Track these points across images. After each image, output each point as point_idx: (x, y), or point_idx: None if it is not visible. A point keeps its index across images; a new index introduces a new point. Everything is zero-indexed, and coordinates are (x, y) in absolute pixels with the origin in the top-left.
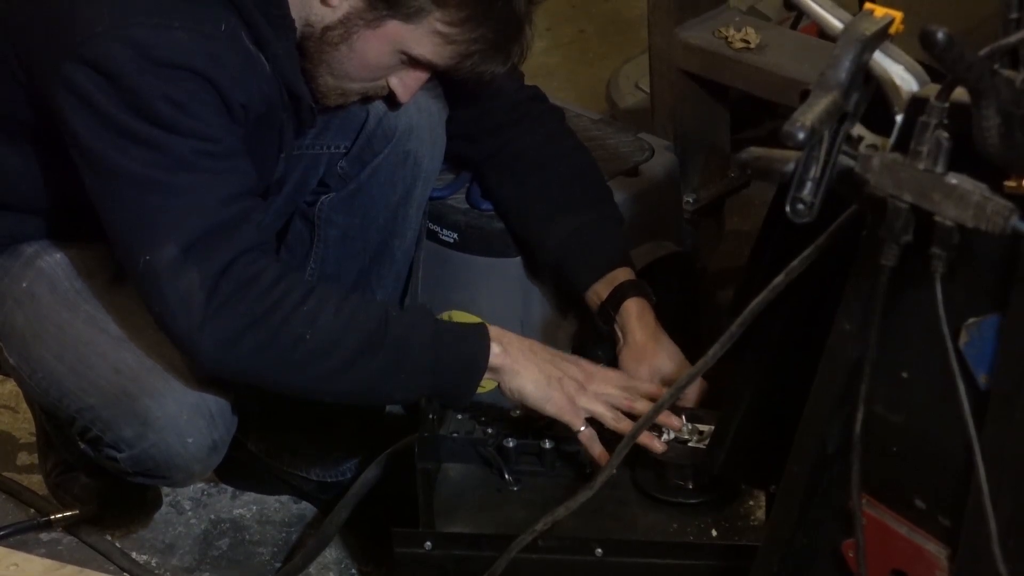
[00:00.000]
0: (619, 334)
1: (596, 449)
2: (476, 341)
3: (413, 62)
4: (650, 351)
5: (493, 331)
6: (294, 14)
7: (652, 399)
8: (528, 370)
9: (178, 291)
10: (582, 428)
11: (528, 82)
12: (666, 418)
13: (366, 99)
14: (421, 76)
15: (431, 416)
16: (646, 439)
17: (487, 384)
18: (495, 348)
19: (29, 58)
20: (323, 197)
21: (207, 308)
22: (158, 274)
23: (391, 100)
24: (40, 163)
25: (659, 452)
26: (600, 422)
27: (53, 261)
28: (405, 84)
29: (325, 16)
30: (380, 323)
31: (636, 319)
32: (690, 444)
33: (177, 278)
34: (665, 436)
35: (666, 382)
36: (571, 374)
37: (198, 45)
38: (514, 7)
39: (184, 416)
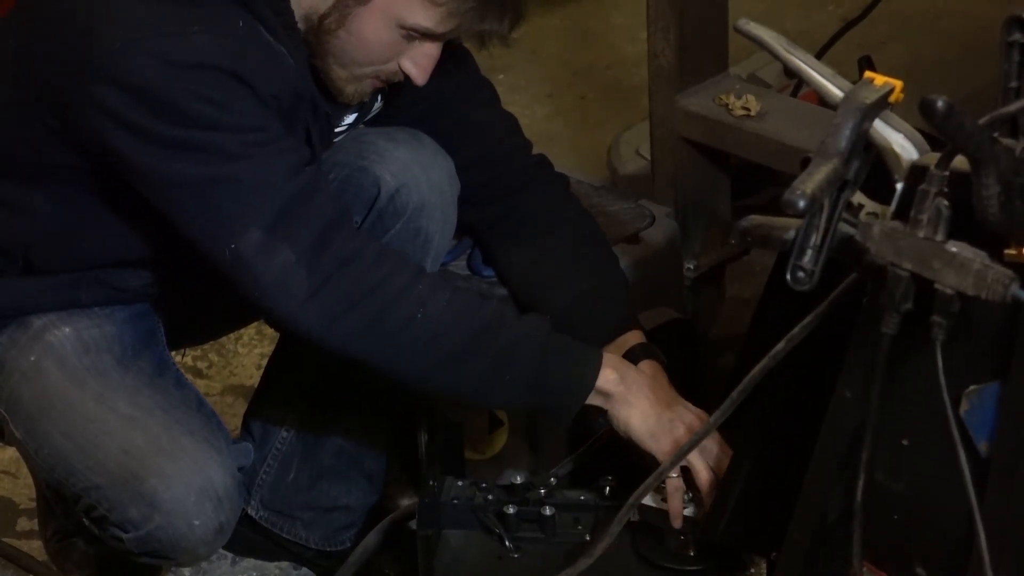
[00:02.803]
0: None
1: (676, 503)
2: (588, 362)
3: (413, 35)
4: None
5: (612, 359)
6: (295, 14)
7: None
8: (641, 403)
9: (273, 271)
10: (674, 475)
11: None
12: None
13: (383, 86)
14: (430, 52)
15: (431, 482)
16: (675, 503)
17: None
18: (611, 375)
19: (56, 96)
20: None
21: (310, 283)
22: (248, 260)
23: (409, 85)
24: (67, 216)
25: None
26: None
27: (62, 335)
28: (417, 63)
29: (318, 5)
30: (492, 324)
31: (651, 382)
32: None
33: (269, 258)
34: (687, 502)
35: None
36: (685, 420)
37: (220, 44)
38: None
39: (191, 499)
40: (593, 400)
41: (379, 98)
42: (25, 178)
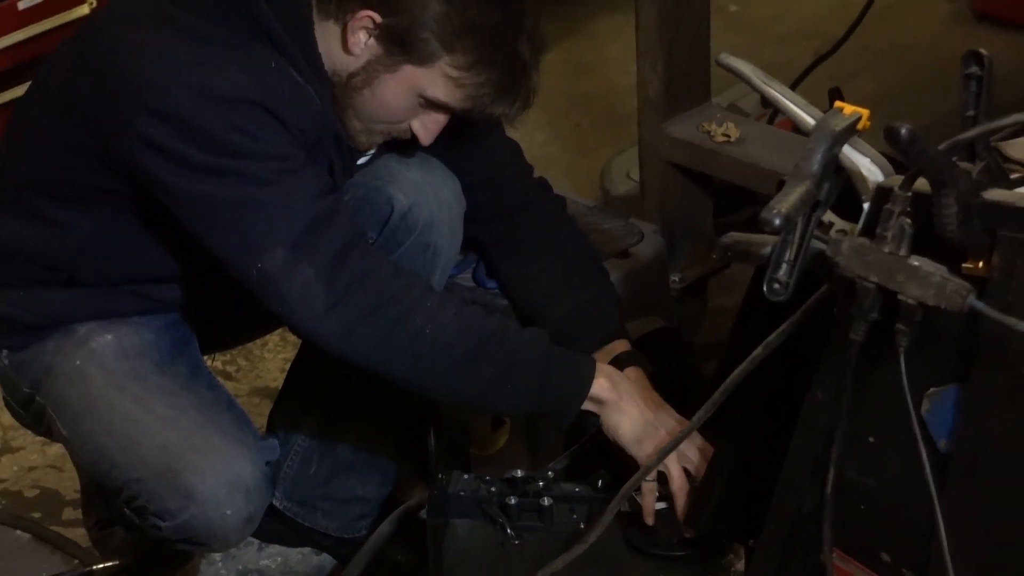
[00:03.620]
0: None
1: (649, 502)
2: (584, 372)
3: (430, 104)
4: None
5: (605, 369)
6: (325, 65)
7: None
8: (631, 411)
9: (295, 287)
10: (649, 479)
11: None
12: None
13: (392, 140)
14: (439, 119)
15: (440, 476)
16: (647, 502)
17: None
18: (605, 383)
19: (100, 127)
20: None
21: (328, 297)
22: (273, 277)
23: (414, 142)
24: (108, 234)
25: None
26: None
27: (104, 342)
28: (425, 127)
29: (349, 64)
30: (496, 334)
31: (640, 390)
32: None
33: (292, 276)
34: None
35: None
36: (667, 426)
37: (253, 79)
38: (519, 54)
39: (223, 491)
40: (587, 406)
41: None
42: (71, 201)
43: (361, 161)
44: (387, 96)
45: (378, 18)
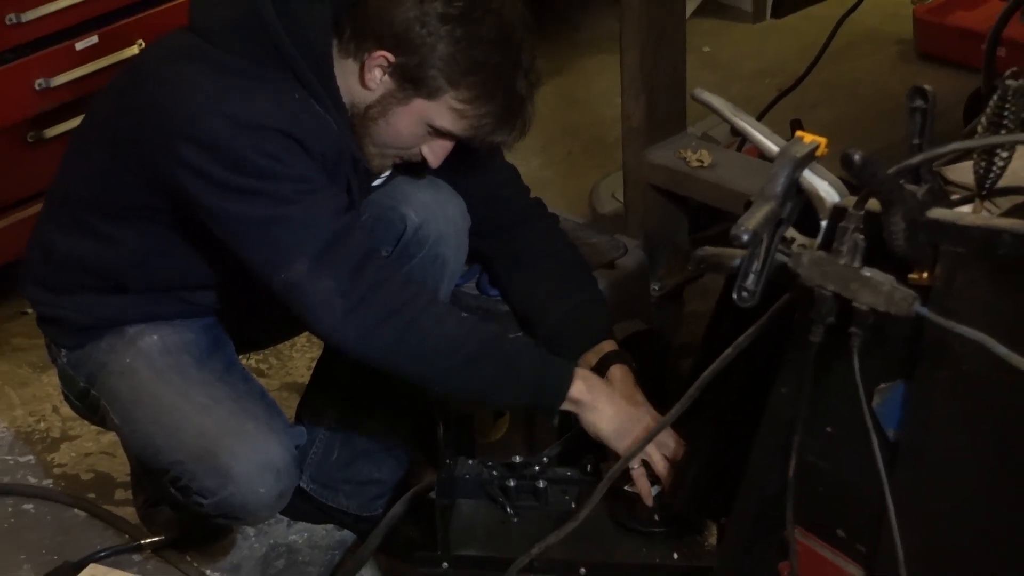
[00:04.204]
0: None
1: (644, 486)
2: (565, 374)
3: (437, 132)
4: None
5: (582, 373)
6: (342, 91)
7: None
8: (606, 410)
9: (317, 296)
10: (636, 466)
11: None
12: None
13: (404, 164)
14: (446, 145)
15: (448, 461)
16: (643, 486)
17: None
18: (581, 385)
19: (144, 152)
20: None
21: (346, 305)
22: (297, 286)
23: (424, 165)
24: (152, 247)
25: (647, 500)
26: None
27: (151, 341)
28: (434, 152)
29: (366, 97)
30: (497, 338)
31: (620, 382)
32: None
33: (314, 286)
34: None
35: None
36: (643, 421)
37: (279, 109)
38: (516, 89)
39: (256, 472)
40: (566, 406)
41: None
42: (119, 218)
43: (376, 183)
44: (399, 126)
45: (392, 58)
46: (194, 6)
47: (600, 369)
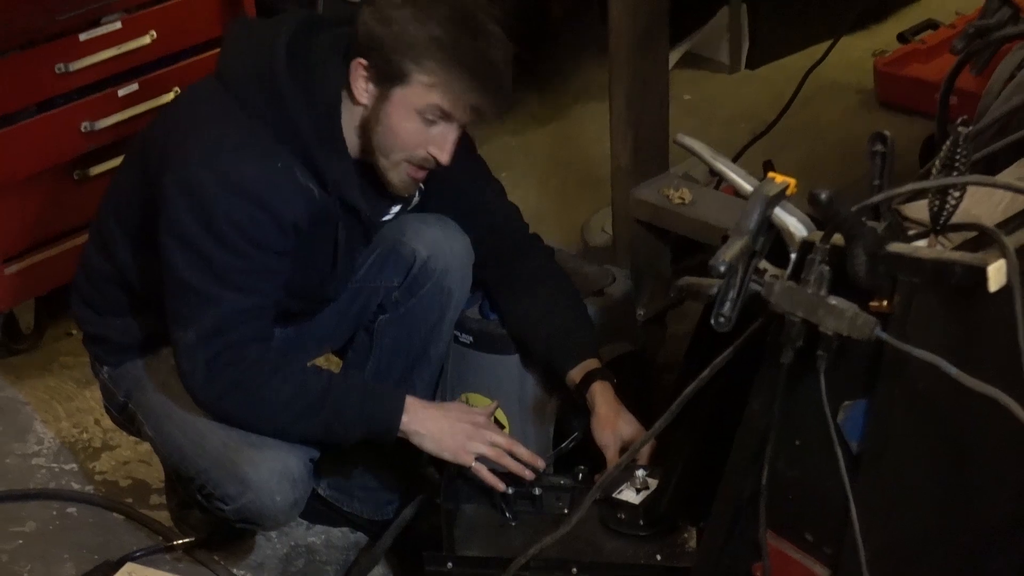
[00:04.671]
0: (589, 407)
1: (487, 477)
2: (392, 411)
3: (429, 117)
4: (613, 419)
5: (408, 402)
6: (348, 132)
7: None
8: (427, 430)
9: (190, 362)
10: (472, 464)
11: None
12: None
13: (419, 175)
14: (448, 135)
15: (452, 469)
16: (487, 477)
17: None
18: (404, 417)
19: (149, 177)
20: (380, 317)
21: (206, 375)
22: (180, 348)
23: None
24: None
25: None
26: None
27: None
28: (440, 147)
29: (362, 113)
30: (322, 393)
31: (600, 396)
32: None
33: (191, 354)
34: (638, 486)
35: (625, 442)
36: (463, 428)
37: (262, 176)
38: (480, 51)
39: (274, 480)
40: (400, 435)
41: (420, 194)
42: (137, 236)
43: (386, 218)
44: (393, 124)
45: (365, 62)
46: (222, 53)
47: (584, 384)
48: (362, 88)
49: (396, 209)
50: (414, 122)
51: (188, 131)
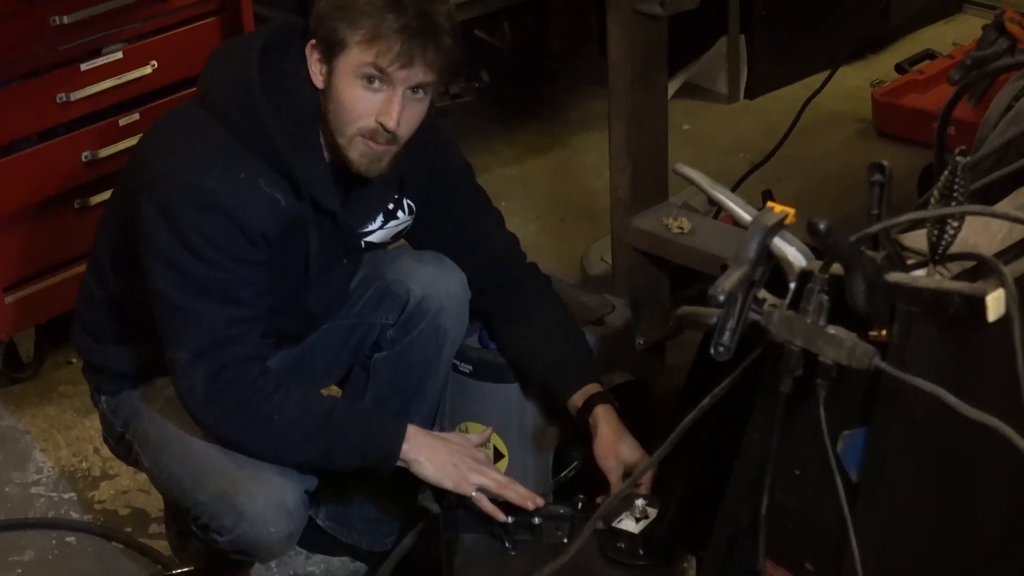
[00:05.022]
0: (592, 431)
1: (488, 506)
2: (393, 439)
3: (369, 81)
4: (616, 443)
5: (409, 430)
6: (324, 133)
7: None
8: (429, 459)
9: (186, 382)
10: (473, 493)
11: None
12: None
13: (374, 146)
14: (392, 101)
15: (452, 499)
16: (487, 507)
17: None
18: (405, 445)
19: (127, 196)
20: (376, 354)
21: (205, 395)
22: (176, 368)
23: (392, 139)
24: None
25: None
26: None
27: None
28: (384, 111)
29: (324, 95)
30: (326, 416)
31: (603, 419)
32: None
33: (187, 374)
34: (637, 515)
35: (629, 467)
36: (463, 460)
37: (223, 189)
38: (410, 6)
39: (269, 512)
40: (400, 464)
41: (406, 212)
42: (125, 263)
43: (367, 230)
44: (342, 94)
45: (313, 41)
46: (202, 71)
47: (587, 408)
48: (317, 72)
49: (378, 222)
50: (357, 88)
51: (159, 149)
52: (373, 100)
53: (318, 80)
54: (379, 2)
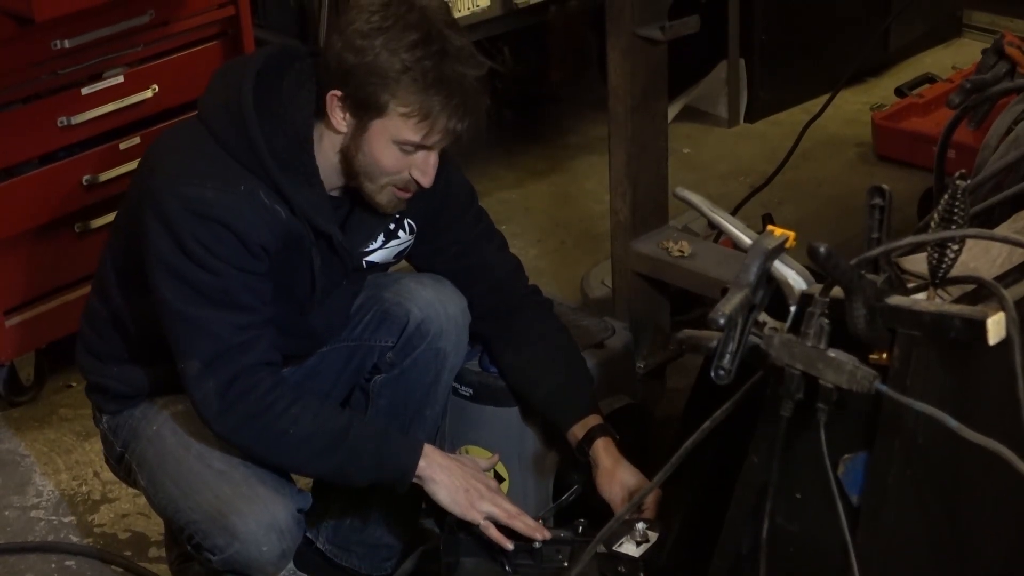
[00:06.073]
0: (593, 463)
1: (495, 535)
2: (409, 456)
3: (408, 148)
4: (617, 473)
5: (426, 449)
6: (324, 158)
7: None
8: (443, 481)
9: (200, 392)
10: (481, 521)
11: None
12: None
13: (403, 193)
14: (429, 160)
15: (452, 523)
16: (494, 535)
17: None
18: (421, 463)
19: (131, 205)
20: (376, 377)
21: (220, 405)
22: (188, 379)
23: (420, 188)
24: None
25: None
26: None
27: (176, 411)
28: (422, 172)
29: (341, 140)
30: (343, 430)
31: (603, 451)
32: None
33: (200, 384)
34: (638, 539)
35: (631, 494)
36: (476, 486)
37: (222, 200)
38: (451, 75)
39: (261, 532)
40: (415, 481)
41: (407, 232)
42: (140, 289)
43: (368, 249)
44: (375, 152)
45: (340, 92)
46: (205, 88)
47: (587, 440)
48: (339, 118)
49: (379, 241)
50: (394, 150)
51: (162, 161)
52: (409, 159)
53: (340, 126)
54: (421, 74)
